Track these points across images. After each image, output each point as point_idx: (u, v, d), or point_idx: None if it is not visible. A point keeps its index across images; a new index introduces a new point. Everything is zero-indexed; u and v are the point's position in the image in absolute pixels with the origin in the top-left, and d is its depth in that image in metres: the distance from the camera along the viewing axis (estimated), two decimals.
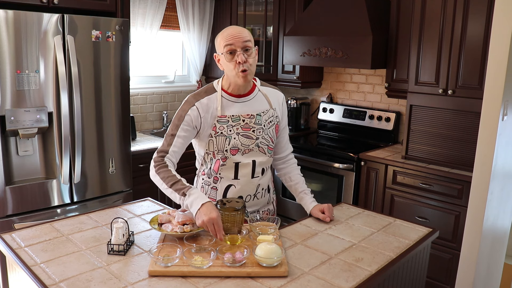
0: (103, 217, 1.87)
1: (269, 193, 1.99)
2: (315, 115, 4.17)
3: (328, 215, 1.87)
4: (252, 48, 1.76)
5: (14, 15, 2.41)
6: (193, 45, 4.14)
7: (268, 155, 1.91)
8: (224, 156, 1.82)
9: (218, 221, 1.56)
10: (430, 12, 2.87)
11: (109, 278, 1.37)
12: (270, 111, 1.89)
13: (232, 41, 1.72)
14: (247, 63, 1.74)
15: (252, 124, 1.83)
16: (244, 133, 1.82)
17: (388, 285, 1.59)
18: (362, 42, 3.23)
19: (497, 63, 2.38)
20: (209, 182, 1.89)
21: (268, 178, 1.96)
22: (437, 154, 2.96)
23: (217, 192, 1.88)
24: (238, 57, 1.73)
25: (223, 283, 1.36)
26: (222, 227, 1.57)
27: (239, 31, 1.74)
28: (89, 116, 2.81)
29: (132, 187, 3.12)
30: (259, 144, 1.85)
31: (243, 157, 1.84)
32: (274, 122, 1.91)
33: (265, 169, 1.91)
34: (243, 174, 1.85)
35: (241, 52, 1.73)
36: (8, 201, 2.56)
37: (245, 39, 1.73)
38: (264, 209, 1.99)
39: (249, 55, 1.74)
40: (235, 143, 1.81)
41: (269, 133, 1.88)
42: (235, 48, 1.73)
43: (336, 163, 3.34)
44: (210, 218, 1.55)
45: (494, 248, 2.81)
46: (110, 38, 2.82)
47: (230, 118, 1.81)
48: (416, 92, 3.00)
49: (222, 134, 1.80)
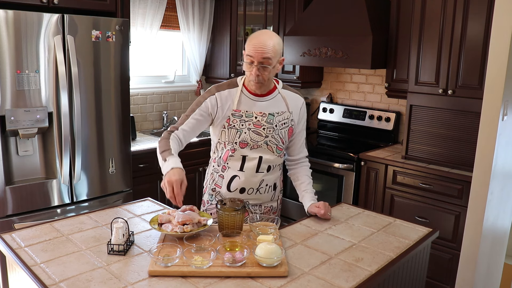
0: (103, 217, 1.87)
1: (274, 190, 2.03)
2: (315, 115, 4.17)
3: (323, 208, 1.88)
4: (273, 63, 1.80)
5: (14, 15, 2.41)
6: (193, 45, 4.14)
7: (276, 154, 1.95)
8: (233, 148, 1.90)
9: (178, 184, 1.62)
10: (430, 12, 2.87)
11: (109, 278, 1.37)
12: (286, 113, 1.94)
13: (253, 53, 1.78)
14: (260, 77, 1.80)
15: (263, 122, 1.89)
16: (255, 130, 1.89)
17: (388, 285, 1.59)
18: (362, 42, 3.23)
19: (497, 63, 2.38)
20: (218, 170, 1.98)
21: (275, 176, 2.01)
22: (437, 154, 2.96)
23: (223, 180, 1.95)
24: (253, 70, 1.79)
25: (223, 283, 1.36)
26: (181, 192, 1.63)
27: (263, 45, 1.76)
28: (89, 116, 2.81)
29: (132, 187, 3.12)
30: (267, 142, 1.91)
31: (251, 151, 1.90)
32: (288, 125, 1.95)
33: (272, 167, 1.96)
34: (248, 167, 1.92)
35: (257, 66, 1.78)
36: (8, 201, 2.56)
37: (265, 56, 1.76)
38: (267, 205, 2.04)
39: (265, 71, 1.79)
40: (245, 137, 1.88)
41: (281, 134, 1.93)
42: (253, 60, 1.78)
43: (336, 163, 3.34)
44: (169, 180, 1.63)
45: (494, 248, 2.81)
46: (110, 38, 2.82)
47: (244, 113, 1.88)
48: (416, 92, 3.00)
49: (234, 127, 1.88)
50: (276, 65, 1.84)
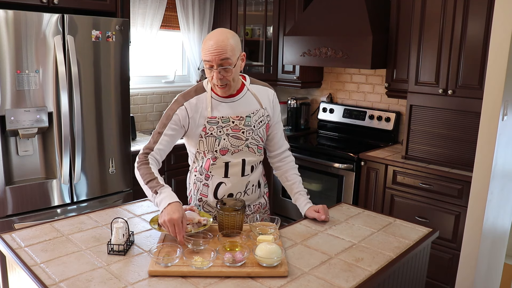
0: (103, 217, 1.87)
1: (259, 188, 2.00)
2: (315, 115, 4.17)
3: (323, 213, 1.86)
4: (233, 63, 1.70)
5: (14, 15, 2.41)
6: (193, 45, 4.14)
7: (258, 154, 1.92)
8: (214, 156, 1.84)
9: (179, 222, 1.54)
10: (430, 12, 2.87)
11: (109, 278, 1.37)
12: (261, 111, 1.88)
13: (210, 57, 1.68)
14: (224, 79, 1.72)
15: (242, 125, 1.83)
16: (234, 134, 1.83)
17: (388, 285, 1.59)
18: (362, 42, 3.23)
19: (497, 63, 2.38)
20: (201, 179, 1.91)
21: (258, 174, 1.97)
22: (437, 154, 2.96)
23: (208, 188, 1.90)
24: (214, 74, 1.71)
25: (223, 283, 1.36)
26: (183, 229, 1.54)
27: (218, 46, 1.67)
28: (89, 116, 2.81)
29: (132, 187, 3.12)
30: (248, 144, 1.86)
31: (232, 156, 1.85)
32: (264, 122, 1.90)
33: (254, 166, 1.92)
34: (233, 172, 1.87)
35: (217, 70, 1.69)
36: (8, 201, 2.56)
37: (222, 57, 1.67)
38: (255, 203, 2.01)
39: (227, 72, 1.70)
40: (224, 144, 1.82)
41: (259, 133, 1.89)
42: (212, 65, 1.70)
43: (336, 163, 3.34)
44: (171, 219, 1.53)
45: (494, 248, 2.81)
46: (110, 38, 2.82)
47: (220, 119, 1.81)
48: (416, 92, 3.00)
49: (212, 135, 1.81)
50: (238, 63, 1.73)
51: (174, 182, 3.44)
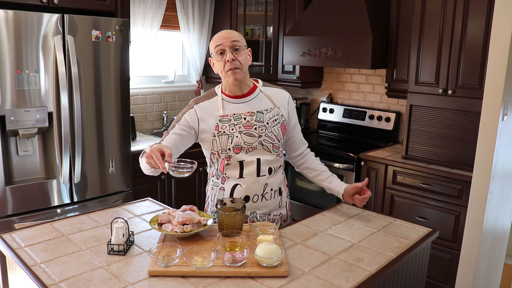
0: (103, 217, 1.87)
1: (280, 195, 1.95)
2: (315, 115, 4.17)
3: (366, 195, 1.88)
4: (242, 47, 1.81)
5: (14, 15, 2.41)
6: (193, 45, 4.14)
7: (274, 154, 1.88)
8: (227, 155, 1.84)
9: (156, 152, 1.56)
10: (430, 12, 2.87)
11: (109, 278, 1.37)
12: (275, 109, 1.89)
13: (221, 41, 1.79)
14: (236, 61, 1.78)
15: (254, 121, 1.84)
16: (247, 131, 1.83)
17: (388, 285, 1.59)
18: (362, 42, 3.23)
19: (497, 63, 2.38)
20: (217, 184, 1.91)
21: (279, 179, 1.93)
22: (437, 154, 2.96)
23: (224, 192, 1.89)
24: (226, 55, 1.78)
25: (223, 283, 1.36)
26: (161, 159, 1.56)
27: (228, 32, 1.81)
28: (89, 116, 2.81)
29: (132, 187, 3.12)
30: (262, 142, 1.85)
31: (247, 155, 1.84)
32: (279, 121, 1.90)
33: (273, 169, 1.89)
34: (248, 172, 1.85)
35: (229, 50, 1.78)
36: (8, 201, 2.56)
37: (233, 39, 1.79)
38: (276, 212, 1.93)
39: (238, 54, 1.79)
40: (237, 141, 1.82)
41: (274, 131, 1.87)
42: (224, 48, 1.78)
43: (336, 163, 3.34)
44: (150, 151, 1.58)
45: (494, 248, 2.81)
46: (110, 38, 2.82)
47: (232, 117, 1.83)
48: (416, 92, 3.00)
49: (224, 133, 1.83)
50: (246, 52, 1.83)
51: (174, 182, 3.44)
